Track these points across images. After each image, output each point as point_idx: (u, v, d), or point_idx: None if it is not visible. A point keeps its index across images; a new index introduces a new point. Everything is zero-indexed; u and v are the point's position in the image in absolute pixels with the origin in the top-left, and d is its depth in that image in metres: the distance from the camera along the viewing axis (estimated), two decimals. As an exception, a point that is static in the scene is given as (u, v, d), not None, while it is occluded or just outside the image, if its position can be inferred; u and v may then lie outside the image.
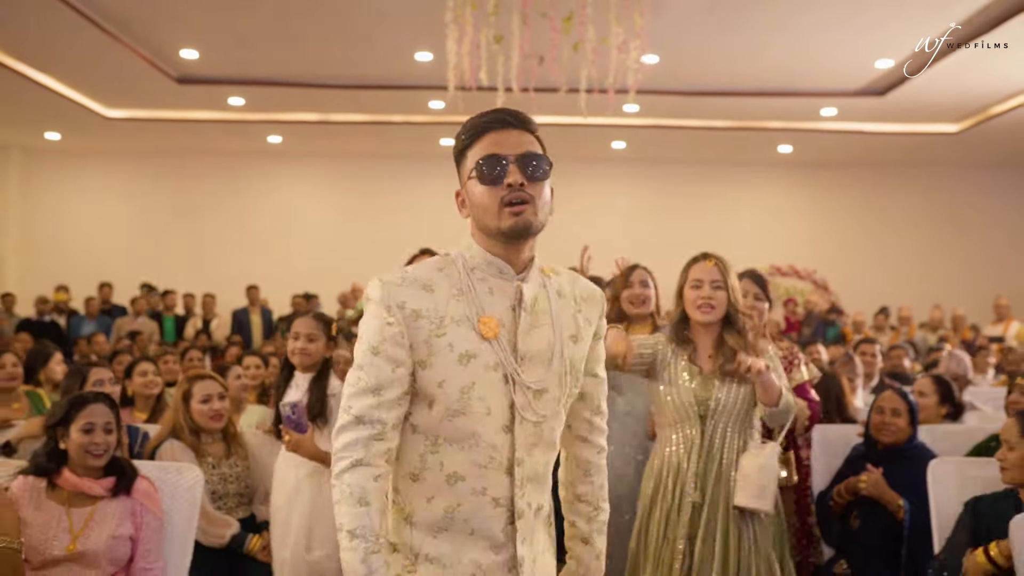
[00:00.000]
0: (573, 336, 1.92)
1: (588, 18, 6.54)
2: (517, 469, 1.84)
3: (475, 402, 1.80)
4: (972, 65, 8.92)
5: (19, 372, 4.40)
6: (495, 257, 1.86)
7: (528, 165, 1.81)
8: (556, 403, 1.89)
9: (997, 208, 13.55)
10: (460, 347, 1.79)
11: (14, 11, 7.91)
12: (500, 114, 1.88)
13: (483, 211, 1.84)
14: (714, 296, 3.02)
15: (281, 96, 10.66)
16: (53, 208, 13.56)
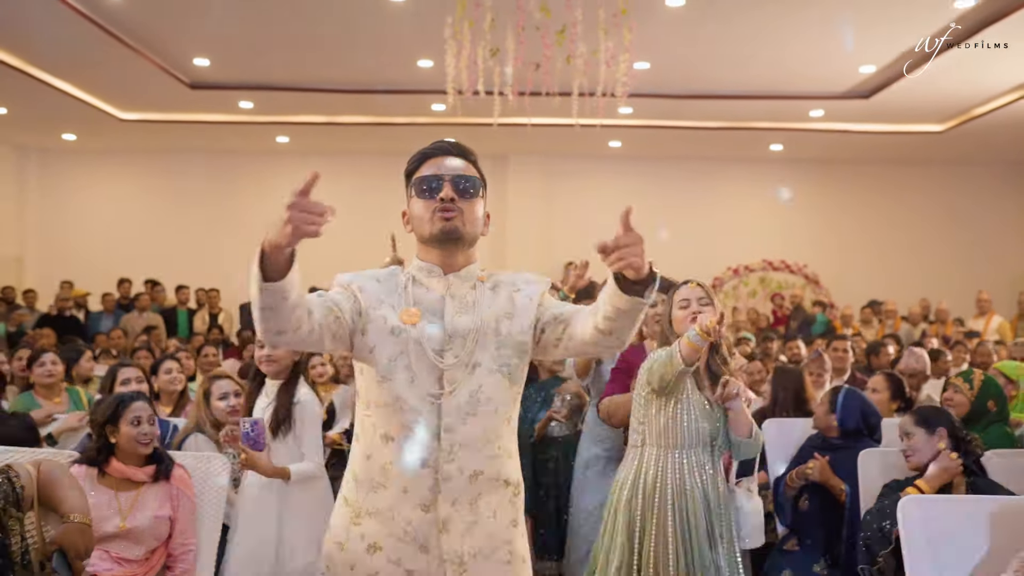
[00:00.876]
0: (508, 314, 2.15)
1: (579, 35, 6.93)
2: (445, 435, 2.03)
3: (401, 370, 2.05)
4: (954, 69, 9.28)
5: (60, 370, 4.83)
6: (426, 262, 2.17)
7: (460, 183, 2.13)
8: (492, 374, 2.09)
9: (981, 204, 13.91)
10: (392, 321, 2.08)
11: (38, 23, 8.30)
12: (442, 144, 2.22)
13: (419, 221, 2.15)
14: (703, 311, 3.13)
15: (288, 100, 11.09)
16: (69, 206, 14.01)
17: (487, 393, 2.08)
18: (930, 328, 11.49)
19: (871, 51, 9.12)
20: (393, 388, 2.04)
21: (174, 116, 11.90)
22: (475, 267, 2.21)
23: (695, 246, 13.66)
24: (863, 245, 13.93)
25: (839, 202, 14.12)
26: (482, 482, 2.07)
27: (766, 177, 14.18)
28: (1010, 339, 10.74)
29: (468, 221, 2.14)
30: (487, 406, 2.07)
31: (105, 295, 11.64)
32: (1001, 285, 12.65)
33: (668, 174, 14.10)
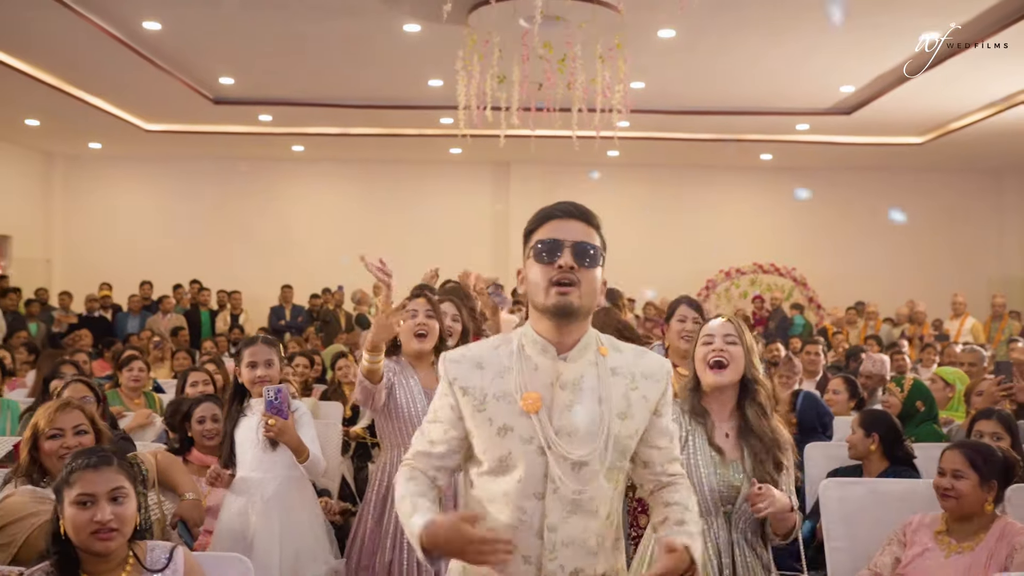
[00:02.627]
0: (622, 414, 2.03)
1: (578, 65, 7.62)
2: (548, 534, 1.96)
3: (510, 468, 1.98)
4: (931, 88, 9.93)
5: (145, 375, 5.49)
6: (541, 337, 2.03)
7: (581, 252, 2.00)
8: (597, 476, 1.99)
9: (958, 211, 14.68)
10: (499, 421, 1.99)
11: (77, 47, 8.98)
12: (566, 206, 2.08)
13: (535, 287, 2.01)
14: (727, 350, 2.66)
15: (305, 113, 11.78)
16: (95, 210, 14.74)
17: (590, 494, 2.00)
18: (908, 329, 12.18)
19: (849, 73, 9.82)
20: (502, 484, 2.00)
21: (197, 127, 12.62)
22: (591, 338, 2.09)
23: (689, 250, 14.43)
24: (848, 249, 14.64)
25: (826, 208, 14.83)
26: None
27: (757, 185, 14.91)
28: (983, 340, 11.47)
29: (585, 294, 2.01)
30: (589, 506, 2.00)
31: (131, 297, 12.34)
32: (976, 288, 13.36)
33: (664, 181, 14.83)
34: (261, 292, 13.31)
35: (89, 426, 2.92)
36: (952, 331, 12.00)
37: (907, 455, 3.81)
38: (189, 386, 4.74)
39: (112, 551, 2.32)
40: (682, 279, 14.06)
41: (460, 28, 7.62)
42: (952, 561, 2.89)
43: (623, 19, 7.39)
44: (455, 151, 13.64)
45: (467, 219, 14.62)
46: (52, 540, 2.30)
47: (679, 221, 14.76)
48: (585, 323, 2.06)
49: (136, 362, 5.53)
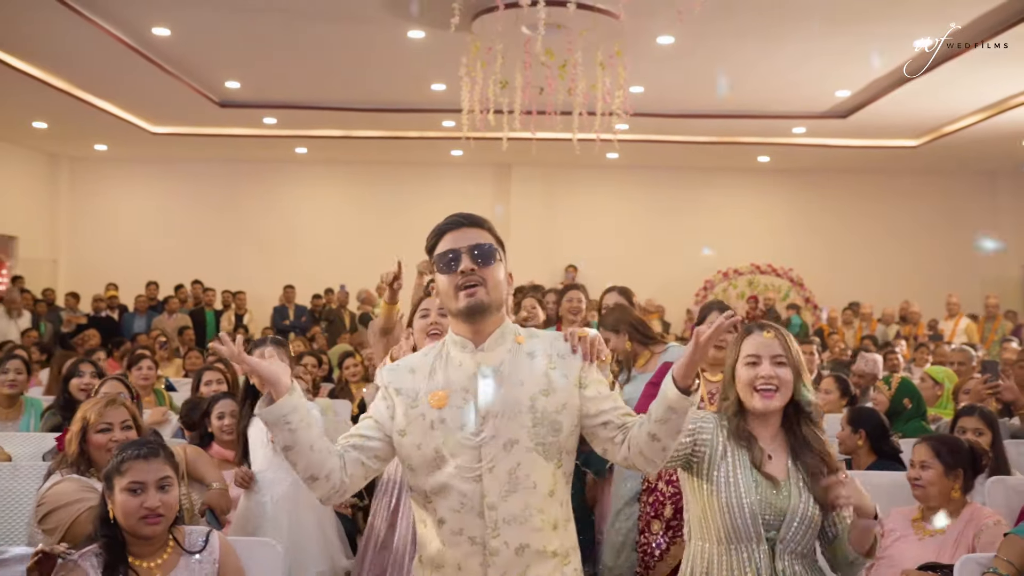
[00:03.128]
0: (544, 391, 2.17)
1: (579, 71, 7.80)
2: (488, 512, 2.10)
3: (447, 458, 2.12)
4: (925, 92, 10.11)
5: (154, 374, 5.67)
6: (459, 336, 2.22)
7: (477, 253, 2.17)
8: (528, 451, 2.12)
9: (953, 212, 14.87)
10: (430, 416, 2.15)
11: (86, 52, 9.15)
12: (455, 217, 2.25)
13: (445, 296, 2.21)
14: (777, 375, 2.43)
15: (309, 116, 11.96)
16: (100, 211, 14.91)
17: (525, 470, 2.12)
18: (903, 328, 12.37)
19: (844, 78, 10.00)
20: (442, 475, 2.13)
21: (202, 130, 12.78)
22: (508, 329, 2.25)
23: (688, 250, 14.62)
24: (845, 249, 14.83)
25: (823, 209, 15.03)
26: (529, 555, 2.12)
27: (754, 186, 15.10)
28: (976, 340, 11.65)
29: (491, 288, 2.18)
30: (526, 483, 2.12)
31: (138, 297, 12.51)
32: (971, 289, 13.55)
33: (663, 183, 15.01)
34: (265, 292, 13.50)
35: (132, 422, 3.11)
36: (946, 331, 12.18)
37: (893, 450, 3.99)
38: (204, 384, 4.90)
39: (158, 535, 2.51)
40: (680, 279, 14.32)
41: (464, 35, 7.80)
42: (924, 543, 3.09)
43: (623, 27, 7.58)
44: (456, 153, 13.82)
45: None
46: (100, 524, 2.49)
47: (678, 222, 14.94)
48: (499, 316, 2.22)
49: (145, 360, 5.73)
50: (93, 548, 2.47)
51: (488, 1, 6.83)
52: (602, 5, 7.27)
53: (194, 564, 2.55)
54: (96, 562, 2.43)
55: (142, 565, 2.49)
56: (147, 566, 2.49)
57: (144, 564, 2.49)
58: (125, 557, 2.46)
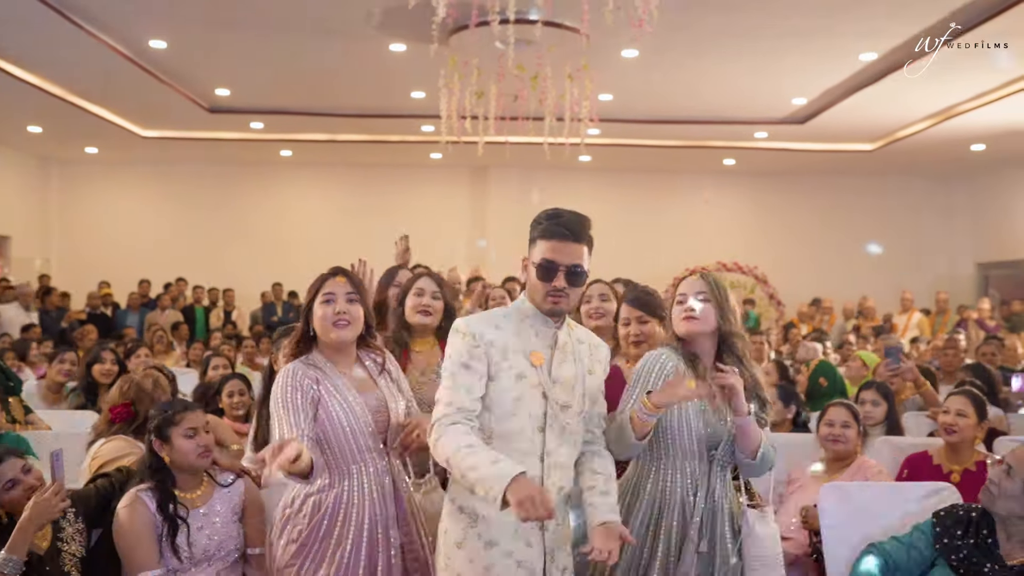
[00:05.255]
0: (590, 370, 2.67)
1: (549, 85, 8.43)
2: (547, 458, 2.53)
3: (521, 408, 2.53)
4: (877, 101, 10.78)
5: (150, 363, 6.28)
6: (538, 311, 2.61)
7: (572, 275, 2.55)
8: (577, 415, 2.61)
9: (907, 212, 15.65)
10: (516, 369, 2.54)
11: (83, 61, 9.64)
12: (566, 228, 2.55)
13: (534, 291, 2.60)
14: (700, 309, 2.80)
15: (294, 121, 12.53)
16: (91, 212, 15.41)
17: (571, 428, 2.60)
18: (859, 322, 13.06)
19: (799, 87, 10.69)
20: (516, 421, 2.53)
21: (191, 134, 13.31)
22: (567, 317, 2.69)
23: (657, 249, 15.24)
24: (807, 247, 15.55)
25: (786, 209, 15.74)
26: (562, 495, 2.61)
27: (721, 188, 15.79)
28: (928, 334, 12.37)
29: (571, 301, 2.62)
30: (572, 439, 2.61)
31: (131, 294, 13.03)
32: (923, 285, 14.30)
33: (634, 184, 15.67)
34: (253, 290, 14.04)
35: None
36: (900, 325, 12.90)
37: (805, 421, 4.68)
38: (211, 369, 5.52)
39: (209, 466, 3.16)
40: (650, 277, 14.81)
41: (442, 49, 8.41)
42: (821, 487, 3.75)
43: (589, 42, 8.21)
44: (436, 156, 14.42)
45: (447, 219, 15.35)
46: (153, 469, 3.10)
47: (648, 222, 15.59)
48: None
49: (142, 349, 6.38)
50: (145, 486, 3.08)
51: (464, 19, 7.43)
52: (568, 23, 7.89)
53: (224, 494, 3.20)
54: (151, 495, 3.06)
55: (187, 496, 3.14)
56: (190, 497, 3.15)
57: (188, 495, 3.14)
58: (173, 491, 3.09)
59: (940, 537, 2.90)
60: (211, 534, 3.09)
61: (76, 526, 3.09)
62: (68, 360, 5.70)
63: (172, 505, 3.03)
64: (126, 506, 3.03)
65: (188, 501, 3.11)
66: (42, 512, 2.86)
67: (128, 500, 3.04)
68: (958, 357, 6.99)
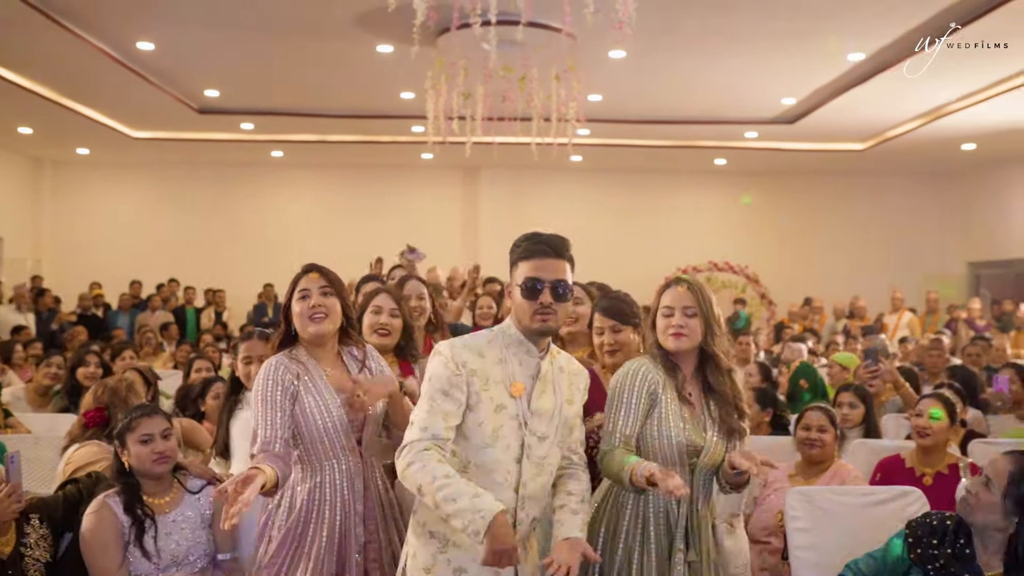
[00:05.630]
0: (568, 400, 2.64)
1: (536, 87, 8.44)
2: (521, 489, 2.52)
3: (500, 439, 2.51)
4: (866, 101, 10.81)
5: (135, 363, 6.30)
6: (525, 339, 2.57)
7: (557, 290, 2.53)
8: (553, 446, 2.59)
9: (898, 212, 15.70)
10: (497, 400, 2.52)
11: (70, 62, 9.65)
12: (546, 245, 2.56)
13: (521, 313, 2.55)
14: (687, 324, 2.76)
15: (285, 122, 12.55)
16: (82, 213, 15.41)
17: (549, 459, 2.60)
18: (850, 322, 13.07)
19: (788, 88, 10.71)
20: (493, 452, 2.51)
21: (181, 135, 13.32)
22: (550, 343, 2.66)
23: (648, 249, 15.29)
24: (799, 247, 15.60)
25: (777, 209, 15.77)
26: (535, 525, 2.65)
27: (712, 188, 15.84)
28: (918, 333, 12.37)
29: (560, 318, 2.58)
30: (548, 469, 2.60)
31: (122, 295, 13.03)
32: (914, 284, 14.32)
33: (625, 184, 15.70)
34: (243, 291, 14.04)
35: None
36: (890, 325, 12.91)
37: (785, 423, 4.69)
38: (194, 371, 5.52)
39: (166, 473, 3.15)
40: (642, 277, 14.89)
41: (429, 50, 8.41)
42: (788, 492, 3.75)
43: (576, 43, 8.22)
44: (427, 156, 14.43)
45: (439, 220, 15.36)
46: (118, 474, 3.12)
47: (640, 222, 15.63)
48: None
49: (127, 351, 6.49)
50: (114, 492, 3.10)
51: (446, 21, 7.44)
52: (553, 24, 7.89)
53: (193, 501, 3.20)
54: (118, 500, 3.07)
55: (154, 502, 3.14)
56: (158, 502, 3.14)
57: (156, 501, 3.14)
58: (140, 496, 3.09)
59: (914, 547, 2.89)
60: (179, 540, 3.10)
61: (40, 532, 3.12)
62: (55, 364, 5.72)
63: (139, 508, 3.04)
64: (92, 512, 3.05)
65: (156, 507, 3.12)
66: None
67: (95, 506, 3.05)
68: (942, 358, 7.01)
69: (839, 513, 3.11)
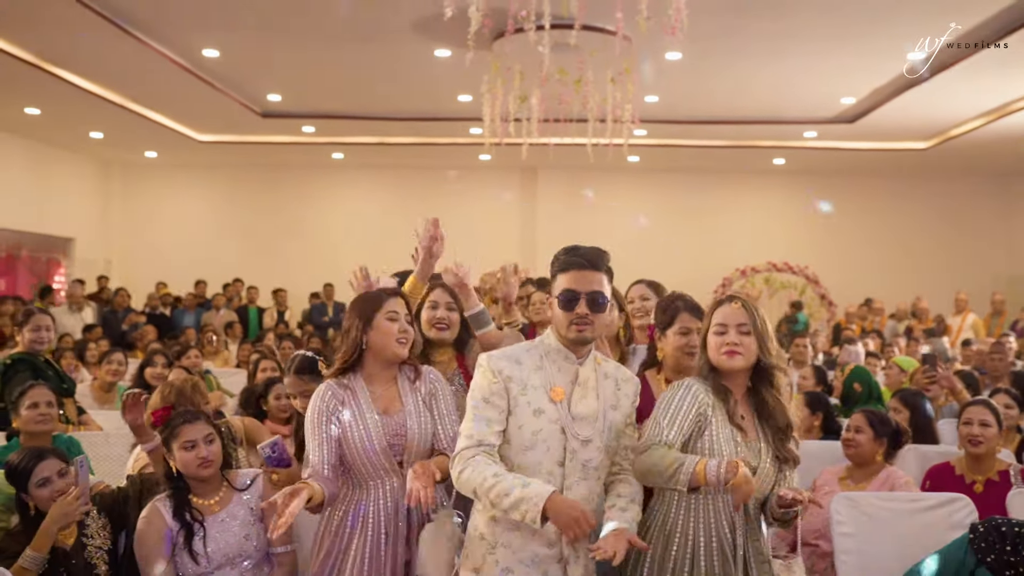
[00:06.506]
0: (613, 406, 2.69)
1: (592, 89, 8.48)
2: (566, 492, 2.56)
3: (540, 442, 2.59)
4: (928, 98, 10.63)
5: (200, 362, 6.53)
6: (564, 347, 2.67)
7: (594, 302, 2.62)
8: (599, 451, 2.64)
9: (963, 212, 15.39)
10: (535, 404, 2.60)
11: (142, 71, 10.00)
12: (583, 258, 2.65)
13: (559, 323, 2.66)
14: (741, 341, 2.70)
15: (345, 125, 12.77)
16: (150, 214, 15.89)
17: (594, 463, 2.64)
18: (912, 324, 12.87)
19: (847, 87, 10.59)
20: (535, 455, 2.59)
21: (245, 138, 13.66)
22: (593, 352, 2.74)
23: (706, 249, 15.23)
24: (858, 248, 15.38)
25: (838, 209, 15.57)
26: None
27: (771, 188, 15.70)
28: (983, 335, 12.14)
29: (596, 328, 2.65)
30: (594, 472, 2.64)
31: (187, 295, 13.40)
32: (980, 285, 14.02)
33: (683, 184, 15.64)
34: (304, 291, 14.32)
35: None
36: (954, 327, 12.68)
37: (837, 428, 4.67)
38: (260, 371, 5.70)
39: (212, 476, 3.27)
40: (699, 277, 14.87)
41: (485, 54, 8.52)
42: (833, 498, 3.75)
43: (631, 45, 8.25)
44: (485, 158, 14.53)
45: (497, 220, 15.48)
46: (167, 478, 3.28)
47: (698, 222, 15.56)
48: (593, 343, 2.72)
49: (192, 351, 6.79)
50: (165, 495, 3.24)
51: (501, 26, 7.53)
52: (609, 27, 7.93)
53: (243, 499, 3.31)
54: (167, 504, 3.20)
55: (204, 503, 3.26)
56: (208, 503, 3.26)
57: (205, 502, 3.26)
58: (188, 499, 3.22)
59: (986, 552, 2.88)
60: (230, 539, 3.20)
61: (100, 522, 3.32)
62: (115, 361, 5.96)
63: (187, 511, 3.18)
64: (144, 516, 3.20)
65: (206, 508, 3.23)
66: (63, 515, 3.13)
67: (146, 511, 3.20)
68: (1004, 361, 6.90)
69: (885, 519, 3.13)
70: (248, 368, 6.28)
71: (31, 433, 4.03)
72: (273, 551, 3.28)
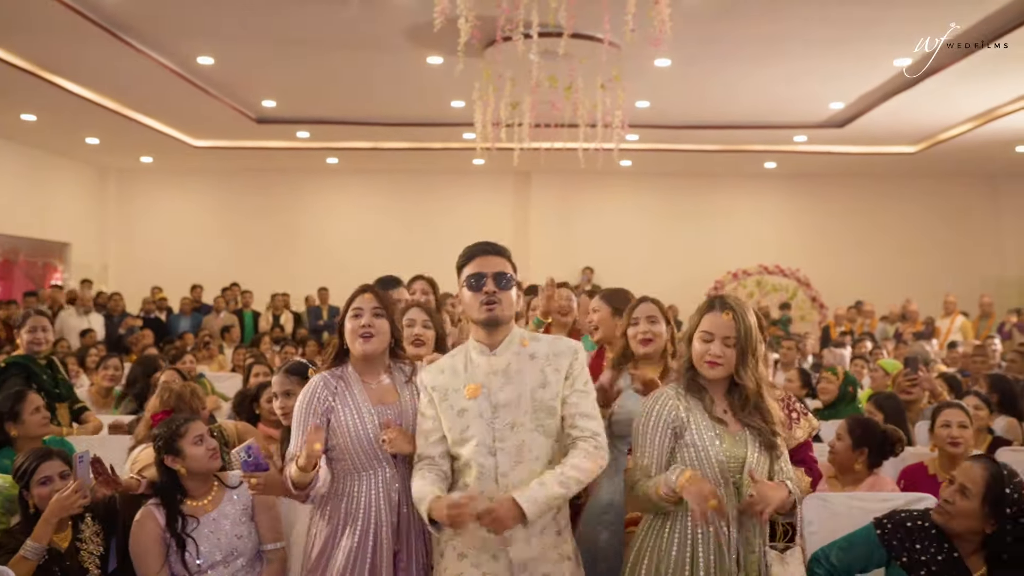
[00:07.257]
0: (541, 384, 2.74)
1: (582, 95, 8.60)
2: (501, 479, 2.68)
3: (470, 438, 2.72)
4: (916, 103, 10.76)
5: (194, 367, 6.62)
6: (478, 343, 2.80)
7: (499, 280, 2.75)
8: (531, 432, 2.70)
9: (952, 215, 15.53)
10: (457, 406, 2.76)
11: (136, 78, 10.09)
12: (485, 246, 2.82)
13: (469, 307, 2.78)
14: (723, 354, 2.71)
15: (339, 130, 12.88)
16: (146, 219, 15.99)
17: (528, 446, 2.70)
18: (901, 326, 12.98)
19: (835, 92, 10.72)
20: (467, 450, 2.73)
21: (240, 143, 13.76)
22: (515, 335, 2.82)
23: (698, 253, 15.35)
24: (849, 251, 15.52)
25: (828, 212, 15.72)
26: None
27: (762, 191, 15.83)
28: (971, 337, 12.25)
29: (505, 307, 2.76)
30: (529, 456, 2.70)
31: (183, 299, 13.48)
32: (969, 288, 14.15)
33: (675, 188, 15.77)
34: (299, 294, 14.39)
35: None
36: (943, 329, 12.79)
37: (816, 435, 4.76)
38: (253, 376, 5.80)
39: (212, 470, 3.38)
40: (691, 280, 15.02)
41: (477, 61, 8.62)
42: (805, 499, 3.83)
43: (621, 52, 8.36)
44: (478, 162, 14.66)
45: (490, 223, 15.54)
46: (159, 486, 3.35)
47: (689, 225, 15.69)
48: (508, 326, 2.80)
49: (187, 356, 6.87)
50: (155, 500, 3.32)
51: (490, 35, 7.64)
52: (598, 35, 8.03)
53: (235, 496, 3.40)
54: (162, 510, 3.28)
55: (197, 504, 3.34)
56: (201, 503, 3.35)
57: (199, 503, 3.35)
58: (180, 504, 3.30)
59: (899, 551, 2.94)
60: (222, 537, 3.29)
61: (93, 528, 3.41)
62: (112, 366, 6.06)
63: (180, 515, 3.27)
64: (138, 519, 3.29)
65: (199, 508, 3.32)
66: (62, 507, 3.20)
67: (141, 514, 3.29)
68: (986, 364, 7.02)
69: (855, 518, 3.21)
70: (243, 372, 6.36)
71: (36, 437, 4.15)
72: (263, 548, 3.37)
